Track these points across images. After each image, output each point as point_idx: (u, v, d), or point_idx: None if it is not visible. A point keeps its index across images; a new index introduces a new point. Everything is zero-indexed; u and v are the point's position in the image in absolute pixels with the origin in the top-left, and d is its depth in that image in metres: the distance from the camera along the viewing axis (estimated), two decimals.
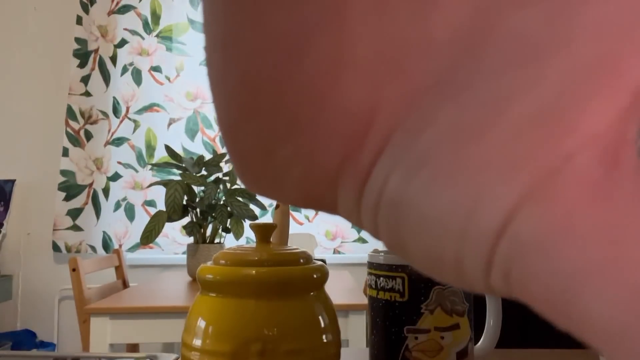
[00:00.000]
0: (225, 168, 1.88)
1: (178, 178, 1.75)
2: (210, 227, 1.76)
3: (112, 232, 2.37)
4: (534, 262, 0.09)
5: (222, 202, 1.74)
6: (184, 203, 1.70)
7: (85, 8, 2.43)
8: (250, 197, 1.71)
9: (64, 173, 2.36)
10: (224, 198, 1.73)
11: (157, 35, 2.47)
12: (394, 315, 0.44)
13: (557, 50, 0.09)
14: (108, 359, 0.81)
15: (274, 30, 0.10)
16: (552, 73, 0.09)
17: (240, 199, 1.70)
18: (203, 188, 1.72)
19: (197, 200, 1.74)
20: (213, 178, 1.78)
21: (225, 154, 1.45)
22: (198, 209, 1.73)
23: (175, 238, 2.33)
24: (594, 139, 0.09)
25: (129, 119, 2.43)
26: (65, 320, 2.32)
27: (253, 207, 1.72)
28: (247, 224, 1.73)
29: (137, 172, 2.41)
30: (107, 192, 2.39)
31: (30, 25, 2.43)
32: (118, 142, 2.41)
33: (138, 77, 2.44)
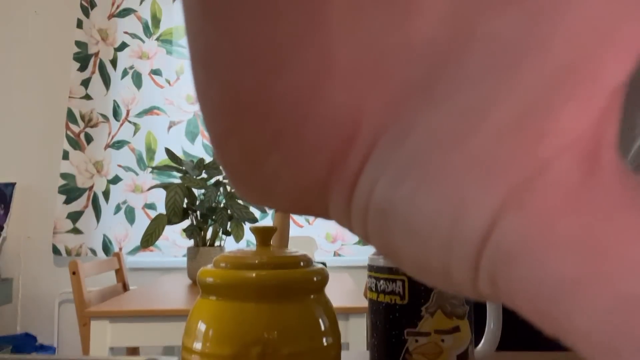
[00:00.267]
0: None
1: (178, 181, 1.75)
2: (211, 230, 1.76)
3: (112, 235, 2.37)
4: (517, 270, 0.09)
5: (222, 205, 1.74)
6: (184, 206, 1.70)
7: (86, 11, 2.44)
8: None
9: (64, 176, 2.36)
10: (224, 201, 1.73)
11: (157, 39, 2.47)
12: (395, 318, 0.44)
13: (536, 55, 0.09)
14: None
15: (252, 45, 0.10)
16: (530, 78, 0.09)
17: (241, 202, 1.71)
18: (203, 191, 1.72)
19: (197, 203, 1.73)
20: (213, 181, 1.78)
21: None
22: (198, 212, 1.73)
23: (176, 241, 2.33)
24: (572, 144, 0.09)
25: (129, 122, 2.43)
26: (66, 324, 2.31)
27: (253, 210, 1.72)
28: (247, 227, 1.73)
29: (137, 175, 2.41)
30: (107, 195, 2.39)
31: (31, 29, 2.44)
32: (118, 145, 2.42)
33: (138, 80, 2.45)
